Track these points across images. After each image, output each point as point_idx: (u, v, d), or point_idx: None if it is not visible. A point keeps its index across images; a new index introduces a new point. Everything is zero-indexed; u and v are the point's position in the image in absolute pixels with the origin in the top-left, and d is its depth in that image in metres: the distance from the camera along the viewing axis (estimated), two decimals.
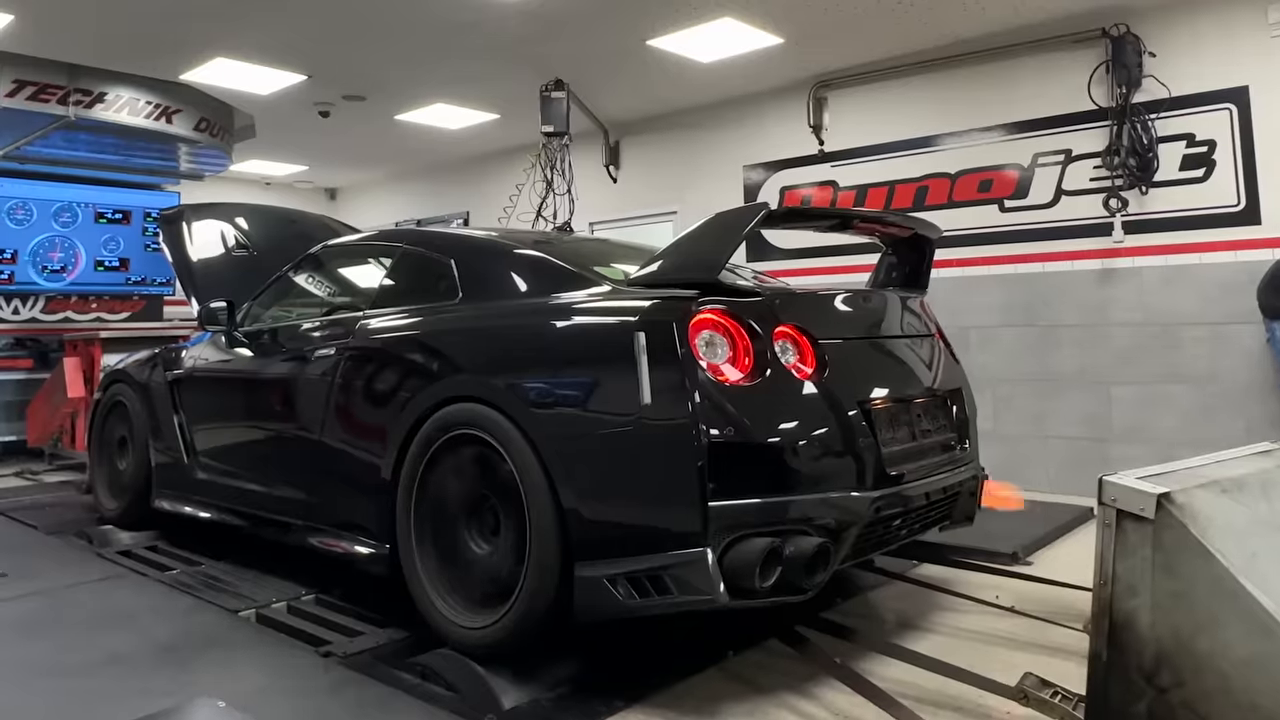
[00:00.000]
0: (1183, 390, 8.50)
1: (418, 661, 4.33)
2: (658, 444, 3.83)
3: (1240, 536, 2.61)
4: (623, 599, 3.82)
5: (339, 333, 5.47)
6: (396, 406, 4.82)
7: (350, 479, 5.12)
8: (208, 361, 6.55)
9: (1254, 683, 2.41)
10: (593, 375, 4.09)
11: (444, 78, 10.96)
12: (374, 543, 4.88)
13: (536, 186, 11.59)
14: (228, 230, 7.80)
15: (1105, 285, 8.95)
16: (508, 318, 4.71)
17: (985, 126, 9.75)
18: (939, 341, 5.29)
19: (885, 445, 4.24)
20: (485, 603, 4.26)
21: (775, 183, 11.50)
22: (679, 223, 12.29)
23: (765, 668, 4.43)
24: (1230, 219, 8.33)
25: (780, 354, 4.10)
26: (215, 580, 5.80)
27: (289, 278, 6.39)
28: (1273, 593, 2.46)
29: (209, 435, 6.42)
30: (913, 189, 10.25)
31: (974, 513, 5.02)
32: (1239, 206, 8.26)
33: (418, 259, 5.50)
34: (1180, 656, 2.52)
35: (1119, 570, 2.68)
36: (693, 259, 4.34)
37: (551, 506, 3.99)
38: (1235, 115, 8.30)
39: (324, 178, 17.50)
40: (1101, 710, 2.72)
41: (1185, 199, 8.52)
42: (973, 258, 9.74)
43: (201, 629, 4.86)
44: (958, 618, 5.16)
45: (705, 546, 3.67)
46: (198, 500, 6.37)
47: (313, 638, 4.80)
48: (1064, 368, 9.20)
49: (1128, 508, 2.67)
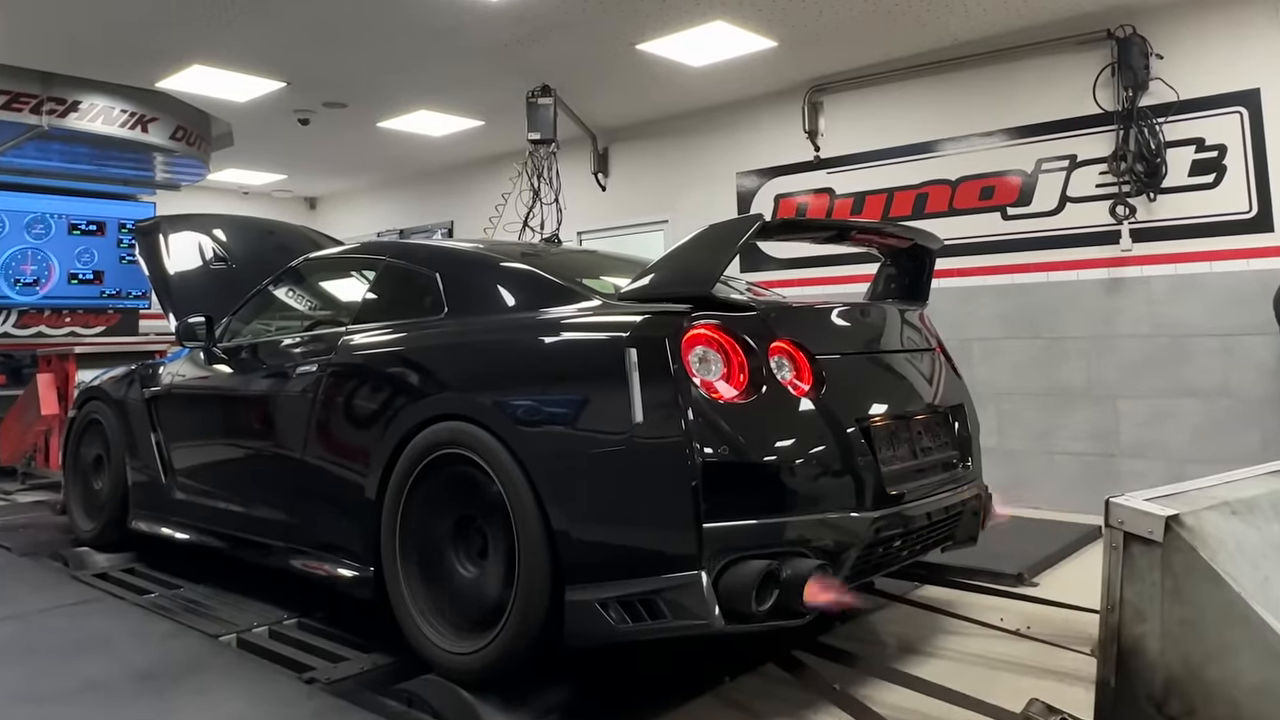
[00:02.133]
0: (1193, 404, 8.49)
1: (404, 688, 4.30)
2: (650, 463, 3.83)
3: (1252, 560, 2.60)
4: (615, 623, 3.81)
5: (321, 349, 5.47)
6: (381, 425, 4.81)
7: (333, 499, 5.10)
8: (186, 378, 6.53)
9: (1266, 711, 2.41)
10: (583, 392, 4.09)
11: (427, 84, 10.95)
12: (358, 565, 4.87)
13: (523, 195, 11.62)
14: (205, 242, 7.78)
15: (1112, 295, 8.94)
16: (494, 333, 4.70)
17: (986, 131, 9.75)
18: (940, 355, 5.29)
19: (885, 464, 4.23)
20: (473, 627, 4.25)
21: (769, 190, 11.50)
22: (670, 232, 12.34)
23: (762, 694, 4.42)
24: (1242, 226, 8.32)
25: (776, 370, 4.10)
26: (194, 604, 5.78)
27: (269, 291, 6.39)
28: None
29: (187, 454, 6.40)
30: (912, 196, 10.25)
31: (977, 533, 5.02)
32: (1251, 213, 8.26)
33: (402, 272, 5.49)
34: (1190, 684, 2.52)
35: (1127, 595, 2.67)
36: (685, 272, 4.34)
37: (541, 528, 3.98)
38: (1246, 118, 8.30)
39: (304, 187, 17.50)
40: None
41: (1195, 206, 8.52)
42: (974, 267, 9.74)
43: (181, 655, 4.83)
44: (961, 641, 5.16)
45: (700, 569, 3.67)
46: (176, 521, 6.35)
47: (295, 663, 4.78)
48: (1070, 381, 9.18)
49: (1135, 530, 2.66)
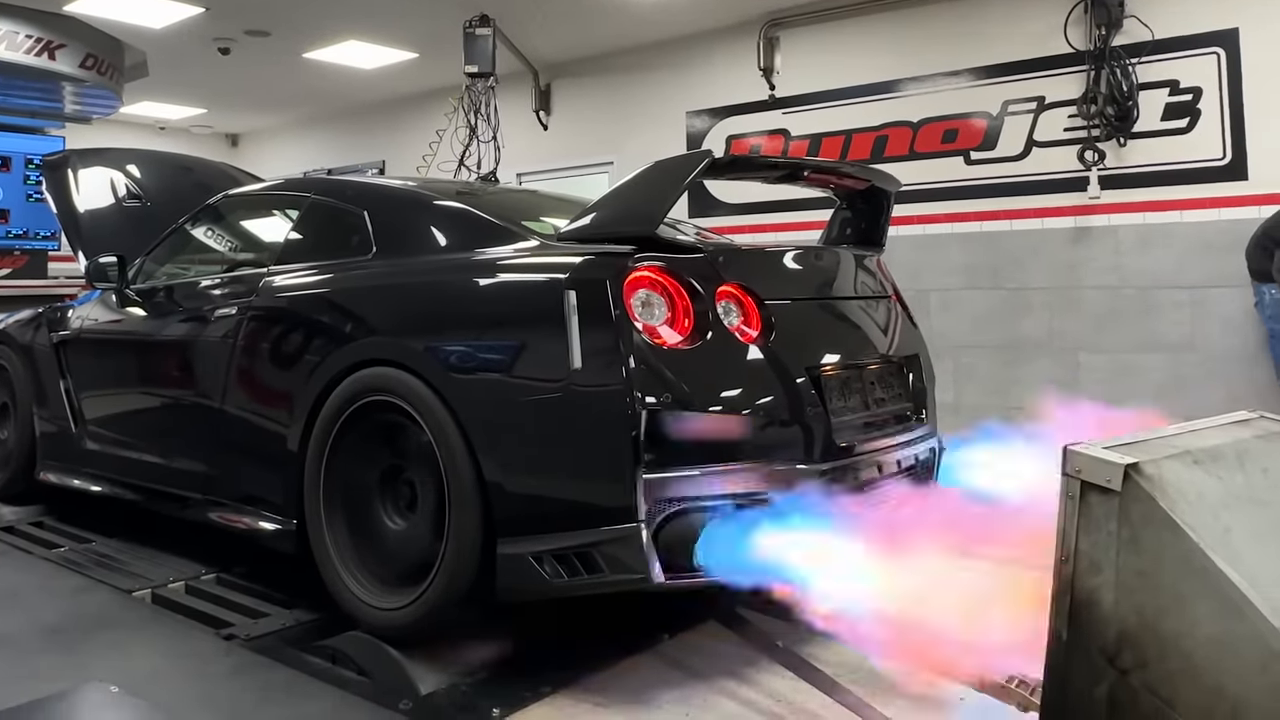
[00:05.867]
0: (1158, 359, 8.59)
1: (327, 644, 4.34)
2: (589, 412, 3.86)
3: (1213, 510, 2.64)
4: (549, 578, 3.85)
5: (241, 291, 5.44)
6: (304, 371, 4.79)
7: (254, 450, 5.10)
8: (97, 322, 6.48)
9: (1221, 664, 2.45)
10: (519, 337, 4.11)
11: (356, 10, 10.87)
12: (280, 518, 4.87)
13: (459, 133, 11.55)
14: (118, 178, 7.71)
15: (1078, 245, 9.02)
16: (426, 275, 4.71)
17: (951, 71, 9.79)
18: (896, 304, 5.31)
19: (835, 414, 4.27)
20: (401, 582, 4.27)
21: (721, 130, 11.52)
22: (615, 174, 12.20)
23: (703, 651, 4.47)
24: (1215, 174, 8.41)
25: (723, 315, 4.12)
26: (107, 558, 5.77)
27: (186, 231, 6.33)
28: (1245, 570, 2.50)
29: (99, 403, 6.36)
30: (871, 139, 10.29)
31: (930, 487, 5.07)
32: (1224, 160, 8.34)
33: (328, 210, 5.47)
34: (1144, 637, 2.56)
35: (1082, 546, 2.71)
36: (629, 211, 4.36)
37: (473, 479, 4.00)
38: (1223, 60, 8.36)
39: (225, 122, 17.36)
40: (1060, 694, 2.75)
41: (1167, 152, 8.61)
42: (935, 214, 9.79)
43: (92, 609, 4.84)
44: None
45: (639, 522, 3.70)
46: (88, 473, 6.32)
47: (213, 619, 4.80)
48: (1031, 334, 9.27)
49: (1093, 479, 2.69)
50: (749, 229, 10.83)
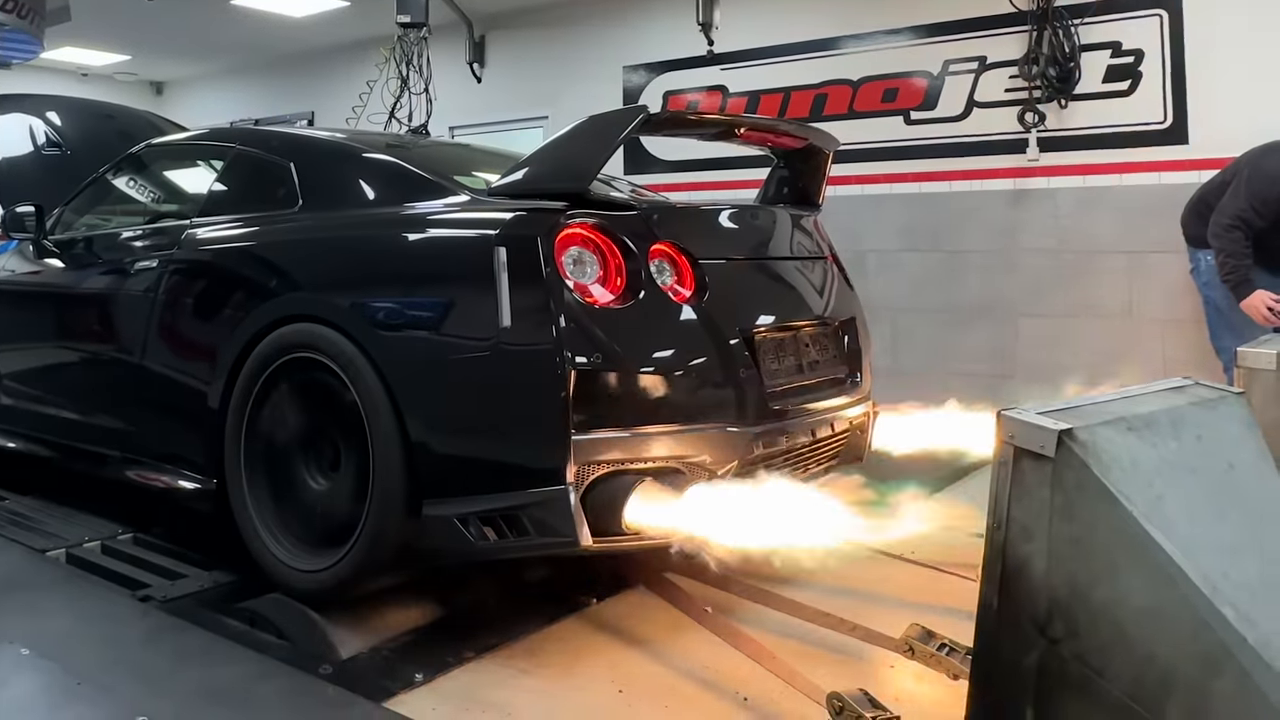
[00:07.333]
0: (1096, 325, 8.63)
1: (246, 607, 4.31)
2: (517, 371, 3.85)
3: (1146, 478, 2.65)
4: (474, 540, 3.84)
5: (163, 243, 5.37)
6: (226, 326, 4.73)
7: (174, 407, 5.05)
8: (12, 273, 6.39)
9: (1152, 633, 2.47)
10: (447, 294, 4.09)
11: None
12: (199, 477, 4.83)
13: (390, 85, 11.42)
14: (37, 125, 7.64)
15: (1017, 207, 9.05)
16: (353, 229, 4.67)
17: (892, 29, 9.77)
18: (832, 265, 5.32)
19: (769, 377, 4.29)
20: (323, 544, 4.23)
21: (658, 86, 11.47)
22: (550, 129, 12.07)
23: (631, 617, 4.45)
24: (1156, 137, 8.43)
25: (656, 274, 4.11)
26: (19, 517, 5.70)
27: (107, 180, 6.25)
28: (1178, 539, 2.51)
29: (13, 357, 6.27)
30: (810, 96, 10.27)
31: (864, 453, 5.09)
32: (1165, 124, 8.37)
33: (253, 161, 5.40)
34: (1075, 606, 2.57)
35: (1014, 513, 2.71)
36: (561, 167, 4.35)
37: (398, 438, 3.97)
38: (1166, 22, 8.35)
39: (149, 70, 17.11)
40: (990, 664, 2.77)
41: (1107, 114, 8.63)
42: (874, 174, 9.79)
43: (3, 570, 4.78)
44: (842, 564, 5.22)
45: (566, 484, 3.70)
46: (1, 429, 6.25)
47: (129, 580, 4.75)
48: (970, 298, 9.30)
49: (1026, 445, 2.70)
50: (685, 187, 10.82)
